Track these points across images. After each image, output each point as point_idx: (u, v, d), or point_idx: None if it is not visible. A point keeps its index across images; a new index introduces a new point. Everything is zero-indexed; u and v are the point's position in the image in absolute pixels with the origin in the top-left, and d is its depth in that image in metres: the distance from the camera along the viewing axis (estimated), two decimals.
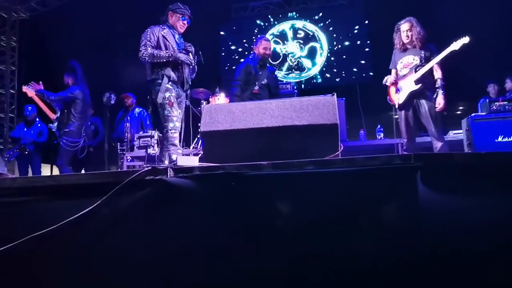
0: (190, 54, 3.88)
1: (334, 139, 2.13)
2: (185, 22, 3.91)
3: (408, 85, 3.98)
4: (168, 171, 1.72)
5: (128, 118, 6.05)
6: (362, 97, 7.31)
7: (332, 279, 1.55)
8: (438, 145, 3.92)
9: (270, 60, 5.03)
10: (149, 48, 3.64)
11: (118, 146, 5.58)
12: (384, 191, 1.61)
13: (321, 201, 1.65)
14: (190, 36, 7.77)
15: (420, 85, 3.91)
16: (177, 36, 3.89)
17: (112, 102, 5.19)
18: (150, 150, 4.81)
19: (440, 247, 1.49)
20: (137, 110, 6.39)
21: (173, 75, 3.70)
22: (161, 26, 3.84)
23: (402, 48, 4.08)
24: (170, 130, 3.65)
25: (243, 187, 1.72)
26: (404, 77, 4.02)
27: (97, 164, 5.91)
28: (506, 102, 4.29)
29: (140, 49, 3.67)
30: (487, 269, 1.46)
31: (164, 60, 3.65)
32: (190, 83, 3.90)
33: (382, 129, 5.50)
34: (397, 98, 4.06)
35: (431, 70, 3.93)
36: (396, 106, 4.08)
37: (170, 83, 3.67)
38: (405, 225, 1.56)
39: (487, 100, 4.48)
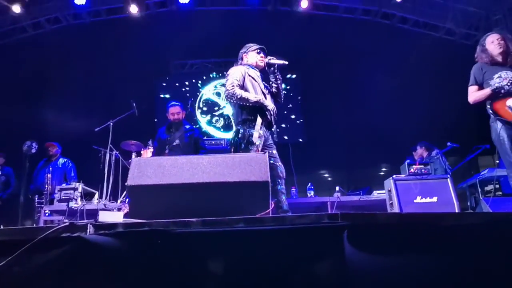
0: (278, 81, 3.71)
1: (265, 197, 2.13)
2: (262, 54, 3.73)
3: None
4: (88, 227, 1.59)
5: (50, 168, 5.65)
6: (294, 156, 7.56)
7: None
8: None
9: (183, 122, 5.12)
10: (237, 89, 3.42)
11: (36, 198, 5.13)
12: (314, 249, 1.62)
13: (252, 259, 1.61)
14: (127, 87, 7.73)
15: None
16: (259, 74, 3.69)
17: (33, 151, 4.86)
18: (72, 204, 4.46)
19: None
20: (61, 160, 6.03)
21: (264, 117, 3.47)
22: (244, 65, 3.67)
23: (492, 62, 3.55)
24: None
25: (170, 245, 1.63)
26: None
27: (10, 218, 5.35)
28: (422, 166, 4.67)
29: (227, 88, 3.44)
30: None
31: (250, 104, 3.43)
32: (276, 117, 3.65)
33: (312, 187, 5.66)
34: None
35: None
36: None
37: (262, 127, 3.42)
38: (334, 285, 1.56)
39: (406, 163, 4.83)
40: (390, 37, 8.33)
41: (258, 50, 3.73)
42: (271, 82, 3.76)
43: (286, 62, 3.65)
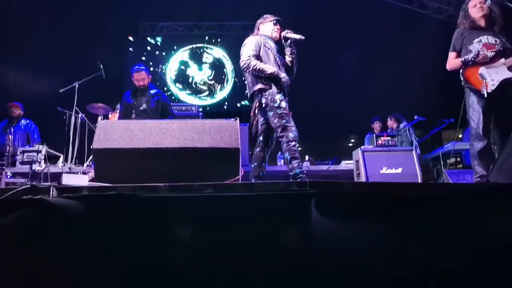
0: (293, 55, 3.74)
1: (235, 164, 2.12)
2: (278, 25, 3.76)
3: (501, 71, 3.26)
4: (51, 190, 1.54)
5: (12, 130, 5.41)
6: None
7: None
8: None
9: (150, 88, 4.84)
10: (253, 59, 3.50)
11: None
12: (282, 217, 1.64)
13: (220, 226, 1.61)
14: (94, 47, 7.40)
15: None
16: (274, 46, 3.71)
17: None
18: (35, 166, 4.32)
19: (332, 274, 1.54)
20: (23, 121, 5.81)
21: (278, 87, 3.53)
22: (260, 35, 3.71)
23: (473, 26, 3.47)
24: (291, 141, 3.42)
25: (137, 210, 1.61)
26: (491, 61, 3.31)
27: None
28: (389, 138, 4.79)
29: (243, 58, 3.53)
30: None
31: (266, 75, 3.49)
32: (288, 89, 3.69)
33: (282, 156, 5.69)
34: (484, 84, 3.25)
35: None
36: (485, 94, 3.24)
37: (281, 93, 3.51)
38: (300, 252, 1.59)
39: (374, 135, 4.93)
40: (362, 7, 8.27)
41: (275, 21, 3.77)
42: (286, 55, 3.78)
43: (303, 37, 3.67)
